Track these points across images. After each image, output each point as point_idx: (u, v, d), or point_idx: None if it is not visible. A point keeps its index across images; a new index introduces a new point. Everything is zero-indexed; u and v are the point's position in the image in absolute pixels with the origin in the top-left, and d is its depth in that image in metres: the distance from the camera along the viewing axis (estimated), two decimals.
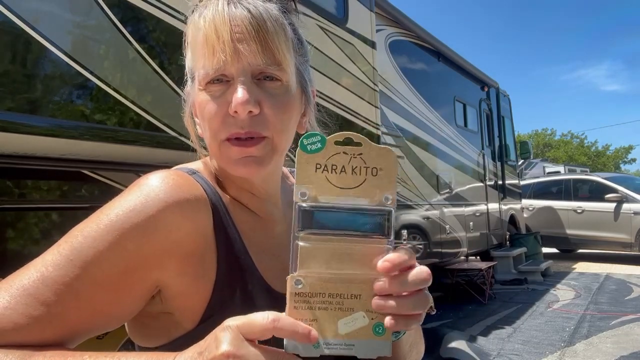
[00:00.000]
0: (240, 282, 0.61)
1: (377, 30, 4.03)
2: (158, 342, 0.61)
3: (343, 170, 0.48)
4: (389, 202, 0.48)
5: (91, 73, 1.62)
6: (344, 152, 0.48)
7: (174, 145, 1.87)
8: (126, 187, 0.58)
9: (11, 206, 1.50)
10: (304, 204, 0.47)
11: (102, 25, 1.67)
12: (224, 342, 0.43)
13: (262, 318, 0.43)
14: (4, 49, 1.40)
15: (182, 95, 0.70)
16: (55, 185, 1.61)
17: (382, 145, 0.49)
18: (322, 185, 0.48)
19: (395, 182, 0.48)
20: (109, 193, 1.72)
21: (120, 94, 1.70)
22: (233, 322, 0.44)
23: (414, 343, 0.68)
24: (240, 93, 0.57)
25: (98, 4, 1.66)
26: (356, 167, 0.48)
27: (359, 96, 3.32)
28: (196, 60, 0.62)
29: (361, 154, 0.48)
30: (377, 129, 3.51)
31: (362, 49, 3.42)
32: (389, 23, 4.95)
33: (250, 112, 0.58)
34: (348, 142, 0.48)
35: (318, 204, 0.47)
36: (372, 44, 3.57)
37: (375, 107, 3.51)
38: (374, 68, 3.52)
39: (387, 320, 0.47)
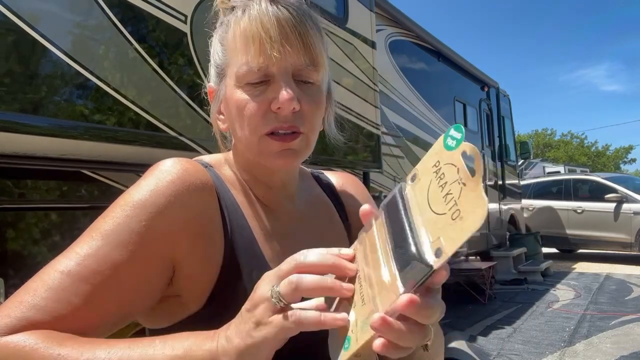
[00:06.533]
0: (246, 267, 0.63)
1: (377, 30, 4.03)
2: (165, 323, 0.64)
3: (442, 186, 0.41)
4: (438, 257, 0.40)
5: (91, 73, 1.62)
6: (458, 170, 0.41)
7: (173, 145, 1.87)
8: (127, 187, 0.62)
9: (11, 206, 1.50)
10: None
11: (102, 25, 1.67)
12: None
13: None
14: (4, 48, 1.40)
15: (182, 94, 0.72)
16: (55, 185, 1.61)
17: (483, 196, 0.38)
18: (422, 184, 0.44)
19: (463, 243, 0.40)
20: (109, 193, 1.72)
21: (120, 94, 1.70)
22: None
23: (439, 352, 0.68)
24: (286, 91, 0.61)
25: (98, 4, 1.65)
26: (450, 194, 0.40)
27: (359, 96, 3.32)
28: (232, 57, 0.64)
29: (465, 185, 0.39)
30: (377, 129, 3.51)
31: (362, 48, 3.41)
32: (389, 23, 4.95)
33: (294, 108, 0.62)
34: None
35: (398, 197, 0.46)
36: (372, 44, 3.57)
37: (375, 107, 3.51)
38: (374, 68, 3.52)
39: (377, 344, 0.41)
